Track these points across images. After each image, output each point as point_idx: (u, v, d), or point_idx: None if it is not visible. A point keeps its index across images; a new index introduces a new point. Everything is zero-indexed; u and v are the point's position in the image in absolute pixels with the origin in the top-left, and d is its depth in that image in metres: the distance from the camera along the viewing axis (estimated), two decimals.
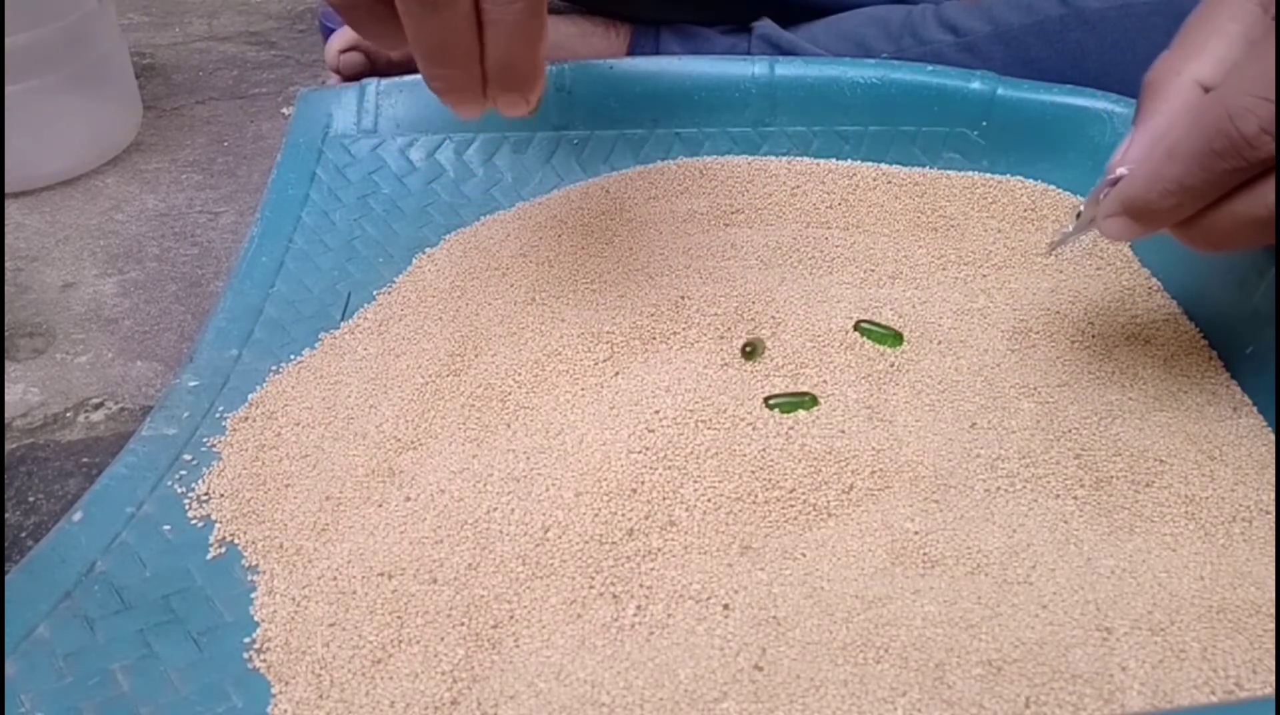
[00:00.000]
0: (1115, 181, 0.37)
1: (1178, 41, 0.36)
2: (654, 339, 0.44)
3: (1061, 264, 0.49)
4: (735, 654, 0.32)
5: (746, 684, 0.31)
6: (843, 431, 0.40)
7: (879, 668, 0.31)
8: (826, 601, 0.33)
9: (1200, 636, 0.32)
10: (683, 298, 0.46)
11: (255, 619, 0.35)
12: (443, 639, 0.33)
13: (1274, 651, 0.31)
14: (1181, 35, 0.37)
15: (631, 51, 0.65)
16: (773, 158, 0.55)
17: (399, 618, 0.34)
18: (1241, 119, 0.31)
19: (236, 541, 0.37)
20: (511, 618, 0.34)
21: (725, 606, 0.33)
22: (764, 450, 0.39)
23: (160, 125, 0.73)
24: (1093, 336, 0.44)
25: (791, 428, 0.40)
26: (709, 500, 0.37)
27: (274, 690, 0.33)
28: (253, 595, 0.36)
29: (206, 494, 0.39)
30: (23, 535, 0.43)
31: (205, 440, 0.41)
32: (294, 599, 0.35)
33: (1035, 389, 0.42)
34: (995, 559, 0.35)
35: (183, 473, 0.40)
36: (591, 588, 0.34)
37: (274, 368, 0.45)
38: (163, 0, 0.94)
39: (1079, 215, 0.40)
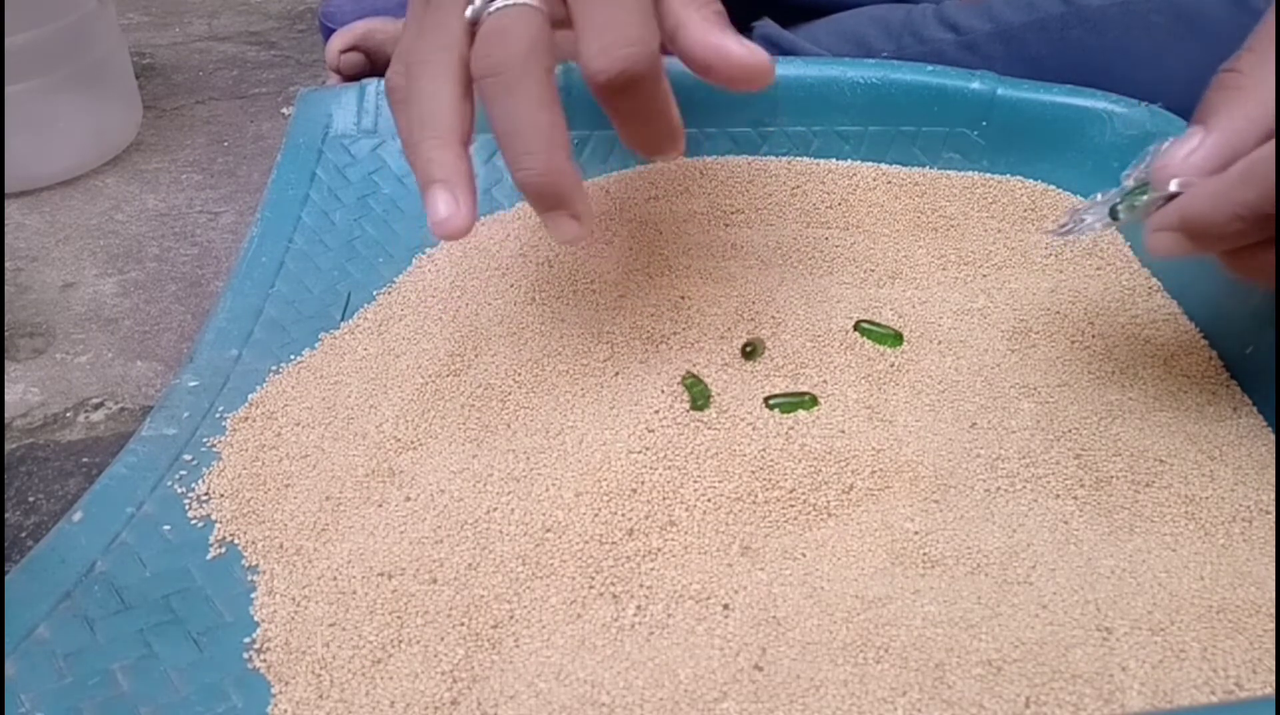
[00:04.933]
0: (1171, 196, 0.33)
1: (1258, 43, 0.33)
2: (654, 339, 0.44)
3: (1061, 264, 0.49)
4: (735, 654, 0.32)
5: (746, 684, 0.31)
6: (843, 431, 0.40)
7: (879, 668, 0.31)
8: (826, 601, 0.33)
9: (1200, 636, 0.32)
10: (683, 298, 0.46)
11: (255, 619, 0.35)
12: (443, 639, 0.33)
13: (1274, 651, 0.31)
14: (1261, 36, 0.33)
15: None
16: (772, 158, 0.55)
17: (399, 618, 0.34)
18: None
19: (236, 541, 0.37)
20: (511, 618, 0.34)
21: (725, 606, 0.33)
22: (764, 450, 0.39)
23: (160, 125, 0.73)
24: (1093, 336, 0.44)
25: (791, 428, 0.40)
26: (709, 500, 0.37)
27: (274, 690, 0.33)
28: (253, 595, 0.36)
29: (206, 494, 0.39)
30: (23, 535, 0.43)
31: (205, 440, 0.41)
32: (294, 599, 0.35)
33: (1035, 389, 0.42)
34: (995, 559, 0.35)
35: (183, 473, 0.40)
36: (591, 588, 0.34)
37: (274, 368, 0.45)
38: (163, 0, 0.94)
39: (1099, 199, 0.37)
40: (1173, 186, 0.33)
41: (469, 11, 0.35)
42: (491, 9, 0.34)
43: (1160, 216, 0.33)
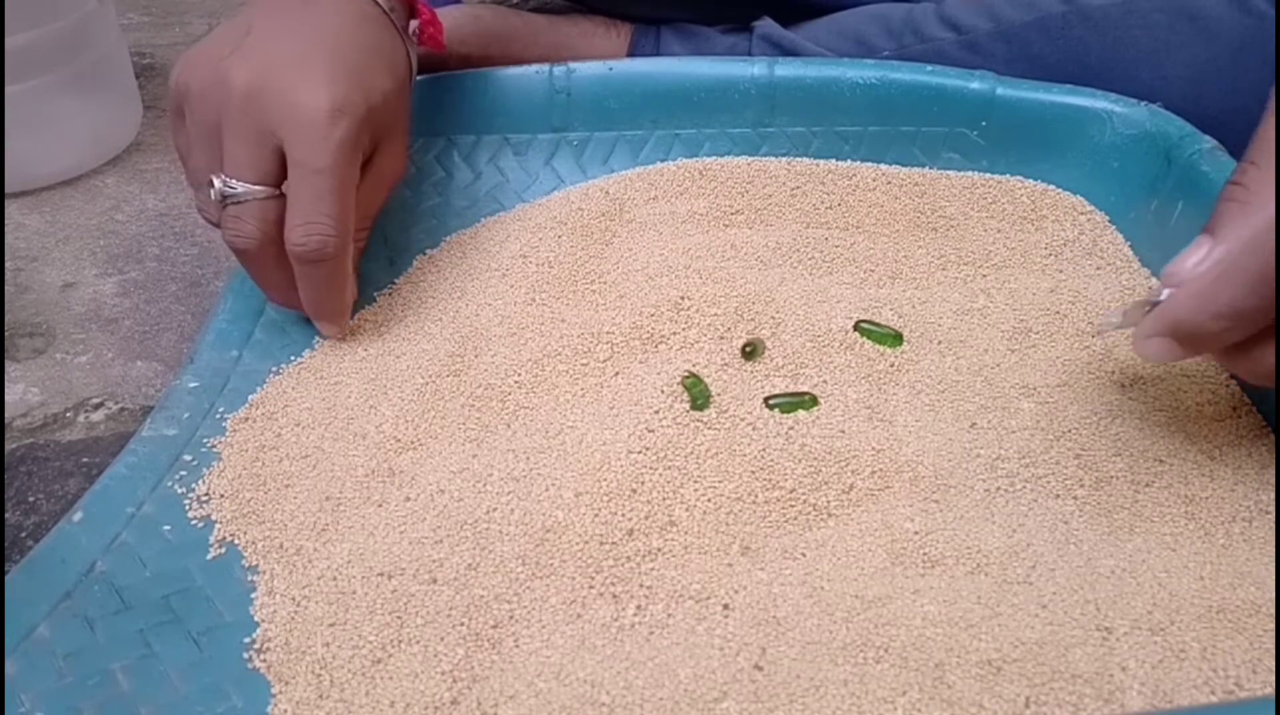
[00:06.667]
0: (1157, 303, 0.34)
1: (1259, 155, 0.34)
2: (654, 339, 0.44)
3: (1061, 264, 0.49)
4: (735, 654, 0.32)
5: (746, 684, 0.31)
6: (843, 431, 0.40)
7: (879, 668, 0.31)
8: (826, 601, 0.33)
9: (1200, 636, 0.32)
10: (683, 298, 0.46)
11: (255, 619, 0.35)
12: (443, 639, 0.33)
13: (1274, 651, 0.31)
14: (1260, 148, 0.34)
15: (632, 51, 0.65)
16: (772, 158, 0.55)
17: (399, 618, 0.34)
18: None
19: (236, 541, 0.37)
20: (511, 618, 0.34)
21: (725, 606, 0.33)
22: (764, 450, 0.39)
23: (160, 125, 0.73)
24: (1093, 336, 0.44)
25: (791, 428, 0.40)
26: (709, 500, 0.37)
27: (274, 690, 0.33)
28: (253, 595, 0.36)
29: (207, 494, 0.39)
30: (23, 535, 0.43)
31: (205, 441, 0.41)
32: (294, 599, 0.35)
33: (1035, 389, 0.42)
34: (995, 559, 0.35)
35: (183, 473, 0.40)
36: (591, 588, 0.34)
37: (274, 369, 0.45)
38: (163, 0, 0.94)
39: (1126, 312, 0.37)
40: (1163, 295, 0.34)
41: (213, 193, 0.42)
42: (229, 197, 0.42)
43: (1147, 323, 0.34)
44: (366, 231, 0.47)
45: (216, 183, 0.41)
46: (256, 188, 0.41)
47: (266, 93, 0.40)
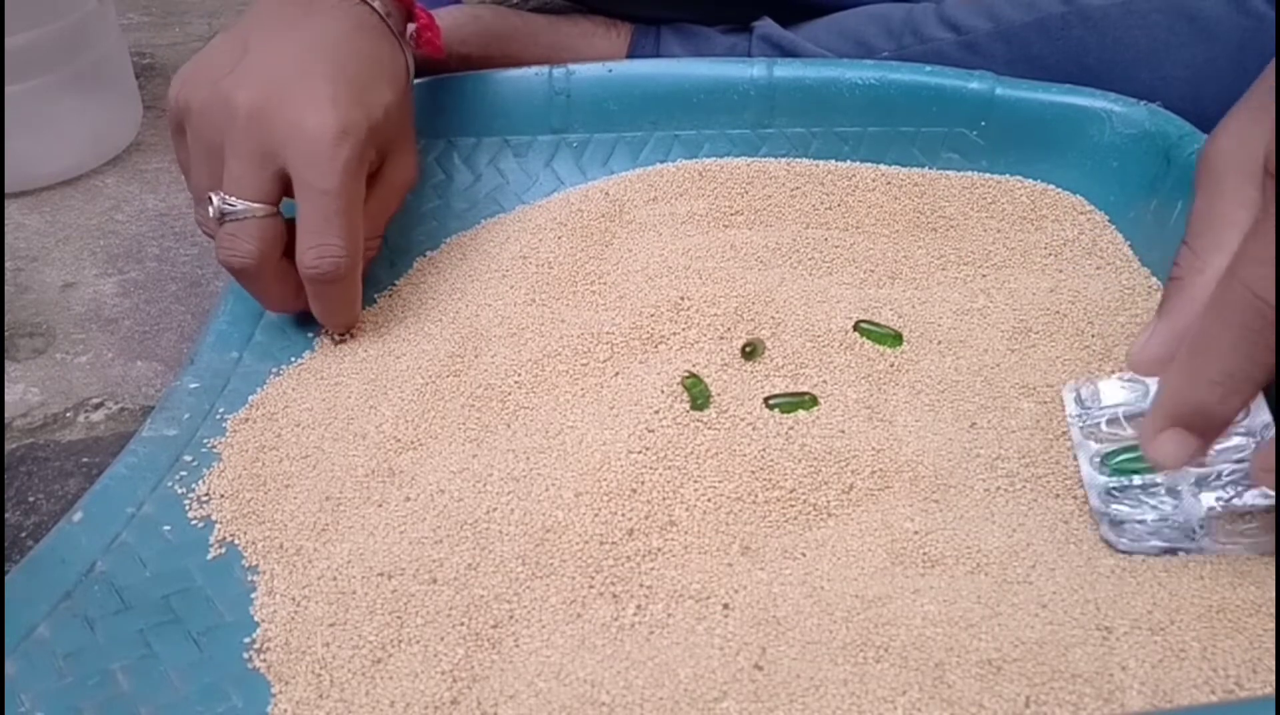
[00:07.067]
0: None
1: (1192, 239, 0.36)
2: (654, 339, 0.44)
3: (1061, 264, 0.49)
4: (735, 654, 0.32)
5: (746, 684, 0.31)
6: (843, 431, 0.40)
7: (879, 667, 0.31)
8: (826, 601, 0.33)
9: (1200, 636, 0.32)
10: (683, 298, 0.46)
11: (255, 619, 0.35)
12: (443, 639, 0.33)
13: (1274, 651, 0.31)
14: (1195, 228, 0.36)
15: (632, 51, 0.65)
16: (772, 159, 0.55)
17: (399, 618, 0.34)
18: (1261, 287, 0.29)
19: (236, 542, 0.37)
20: (511, 618, 0.34)
21: (725, 606, 0.33)
22: (764, 450, 0.39)
23: (160, 125, 0.73)
24: (1092, 336, 0.44)
25: (791, 428, 0.40)
26: (709, 500, 0.37)
27: (274, 690, 0.33)
28: (253, 595, 0.36)
29: (207, 495, 0.39)
30: (23, 535, 0.43)
31: (206, 441, 0.41)
32: (294, 599, 0.35)
33: (1035, 389, 0.42)
34: (995, 559, 0.35)
35: (183, 474, 0.40)
36: (591, 588, 0.34)
37: (274, 369, 0.45)
38: (163, 0, 0.94)
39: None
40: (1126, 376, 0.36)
41: (211, 211, 0.42)
42: (228, 214, 0.42)
43: (1150, 423, 0.33)
44: (378, 240, 0.47)
45: (215, 200, 0.42)
46: (255, 205, 0.42)
47: (269, 114, 0.41)
